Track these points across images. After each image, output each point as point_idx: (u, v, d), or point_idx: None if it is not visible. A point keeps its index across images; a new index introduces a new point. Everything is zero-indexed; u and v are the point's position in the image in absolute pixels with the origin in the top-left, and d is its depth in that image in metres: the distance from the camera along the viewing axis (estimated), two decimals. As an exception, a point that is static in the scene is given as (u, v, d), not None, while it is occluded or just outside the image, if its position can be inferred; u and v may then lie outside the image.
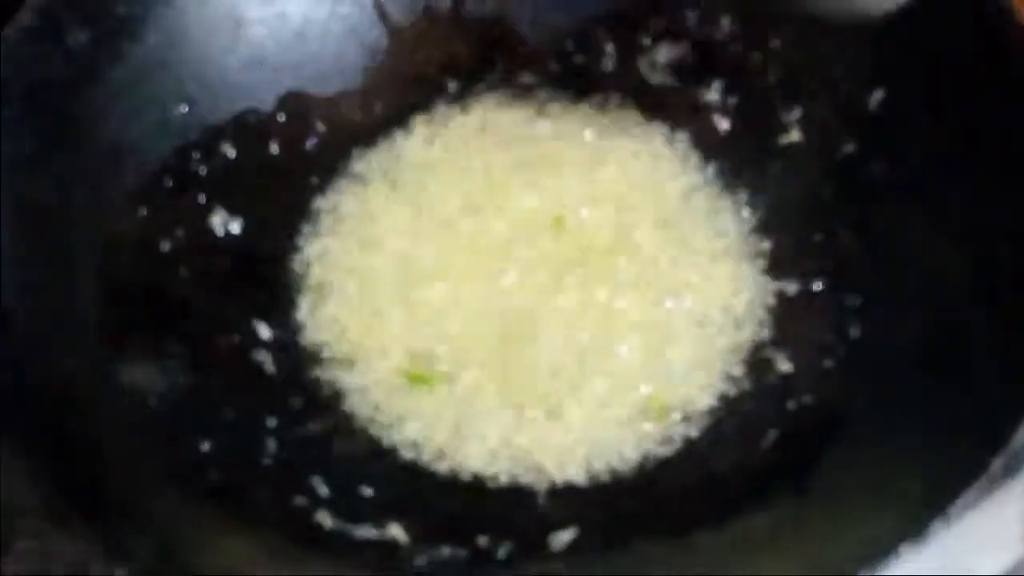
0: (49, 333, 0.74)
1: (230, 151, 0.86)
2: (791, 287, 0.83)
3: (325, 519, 0.73)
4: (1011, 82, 0.75)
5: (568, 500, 0.76)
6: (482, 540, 0.72)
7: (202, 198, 0.84)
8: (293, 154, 0.88)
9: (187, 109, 0.85)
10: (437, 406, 0.79)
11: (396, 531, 0.72)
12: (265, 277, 0.84)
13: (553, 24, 0.92)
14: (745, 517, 0.71)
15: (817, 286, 0.82)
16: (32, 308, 0.74)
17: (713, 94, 0.89)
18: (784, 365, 0.80)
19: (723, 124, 0.89)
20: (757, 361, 0.80)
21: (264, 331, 0.82)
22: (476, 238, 0.85)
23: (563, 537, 0.72)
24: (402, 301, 0.83)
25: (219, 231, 0.84)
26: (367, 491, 0.75)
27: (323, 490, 0.74)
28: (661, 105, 0.90)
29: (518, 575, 0.71)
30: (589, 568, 0.71)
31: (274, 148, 0.87)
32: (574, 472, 0.77)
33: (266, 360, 0.81)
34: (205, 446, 0.74)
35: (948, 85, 0.79)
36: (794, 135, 0.86)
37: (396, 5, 0.91)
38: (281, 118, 0.88)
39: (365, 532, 0.72)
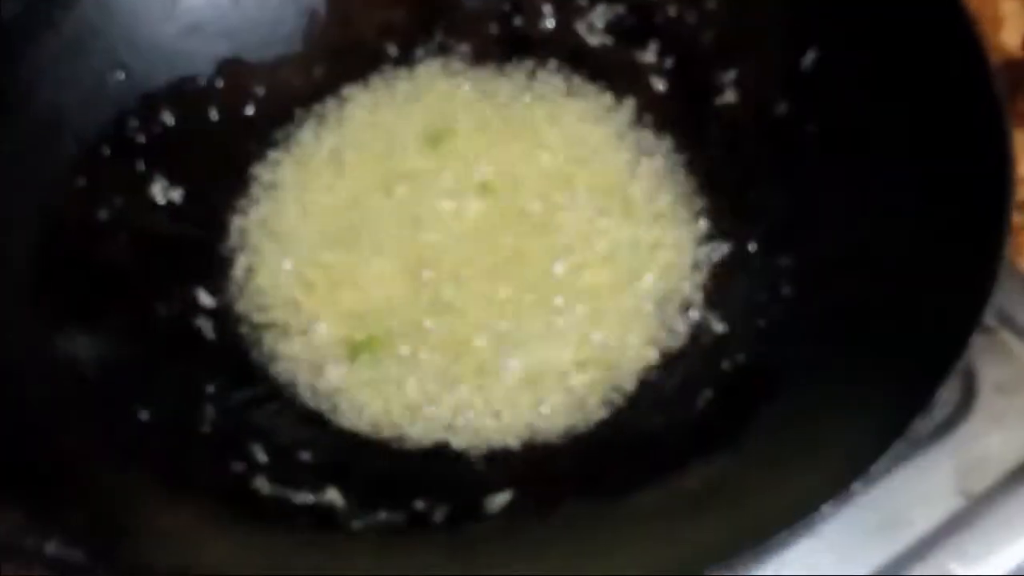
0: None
1: (168, 119, 0.86)
2: (726, 248, 0.83)
3: (263, 485, 0.73)
4: (941, 40, 0.76)
5: (503, 463, 0.77)
6: (419, 504, 0.73)
7: (141, 166, 0.84)
8: (232, 121, 0.88)
9: (123, 77, 0.84)
10: (373, 372, 0.80)
11: (333, 496, 0.73)
12: (204, 244, 0.85)
13: (491, -14, 0.92)
14: (679, 476, 0.71)
15: (751, 247, 0.82)
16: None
17: (650, 56, 0.90)
18: (719, 326, 0.80)
19: (660, 85, 0.89)
20: (692, 322, 0.81)
21: (204, 298, 0.82)
22: (412, 205, 0.86)
23: (499, 500, 0.73)
24: (337, 268, 0.84)
25: (158, 199, 0.84)
26: (305, 456, 0.76)
27: (261, 457, 0.75)
28: (599, 67, 0.91)
29: (455, 537, 0.72)
30: (526, 530, 0.72)
31: (213, 115, 0.87)
32: (508, 435, 0.78)
33: (205, 327, 0.81)
34: (143, 415, 0.74)
35: (880, 44, 0.79)
36: (729, 96, 0.87)
37: (334, -32, 0.91)
38: (219, 85, 0.88)
39: (302, 498, 0.73)
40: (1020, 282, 0.83)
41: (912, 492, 0.79)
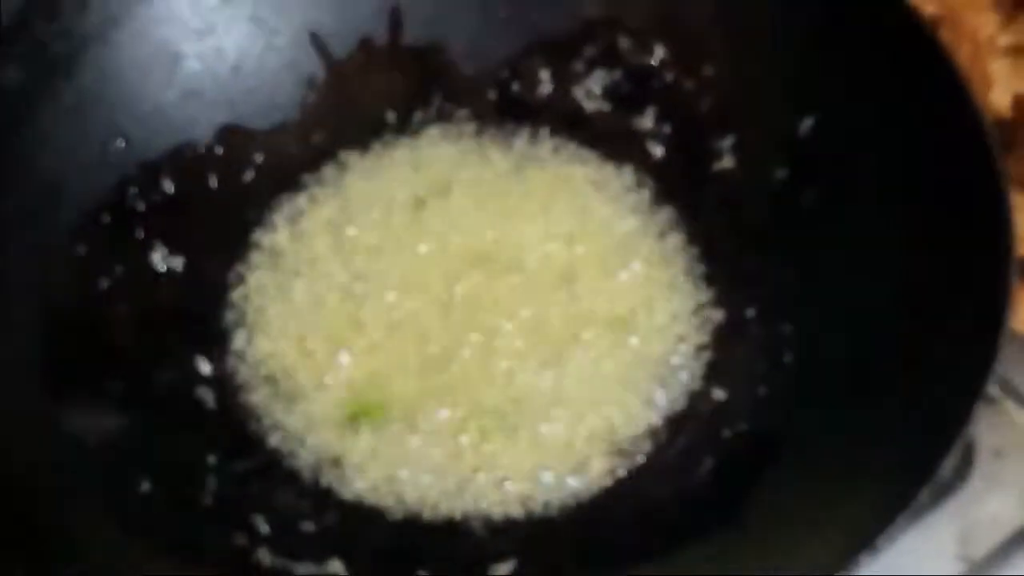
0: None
1: (168, 186, 0.86)
2: (724, 315, 0.83)
3: (265, 557, 0.73)
4: (937, 105, 0.76)
5: (506, 533, 0.76)
6: (422, 573, 0.73)
7: (140, 234, 0.84)
8: (231, 188, 0.88)
9: (124, 144, 0.85)
10: (374, 441, 0.80)
11: (336, 567, 0.73)
12: (204, 312, 0.85)
13: (489, 53, 0.92)
14: (682, 548, 0.71)
15: (750, 313, 0.83)
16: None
17: (647, 121, 0.90)
18: (719, 393, 0.80)
19: (657, 151, 0.90)
20: (692, 389, 0.81)
21: (204, 367, 0.82)
22: (412, 273, 0.86)
23: (502, 569, 0.73)
24: (337, 337, 0.84)
25: (159, 267, 0.84)
26: (307, 527, 0.76)
27: (263, 528, 0.75)
28: (597, 132, 0.91)
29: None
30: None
31: (212, 182, 0.88)
32: (511, 506, 0.77)
33: (206, 396, 0.81)
34: (145, 486, 0.74)
35: (876, 110, 0.80)
36: (727, 162, 0.87)
37: (333, 37, 0.91)
38: (219, 152, 0.88)
39: (305, 570, 0.73)
40: (1017, 347, 0.84)
41: (913, 558, 0.79)
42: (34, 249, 0.80)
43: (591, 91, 0.91)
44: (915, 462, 0.66)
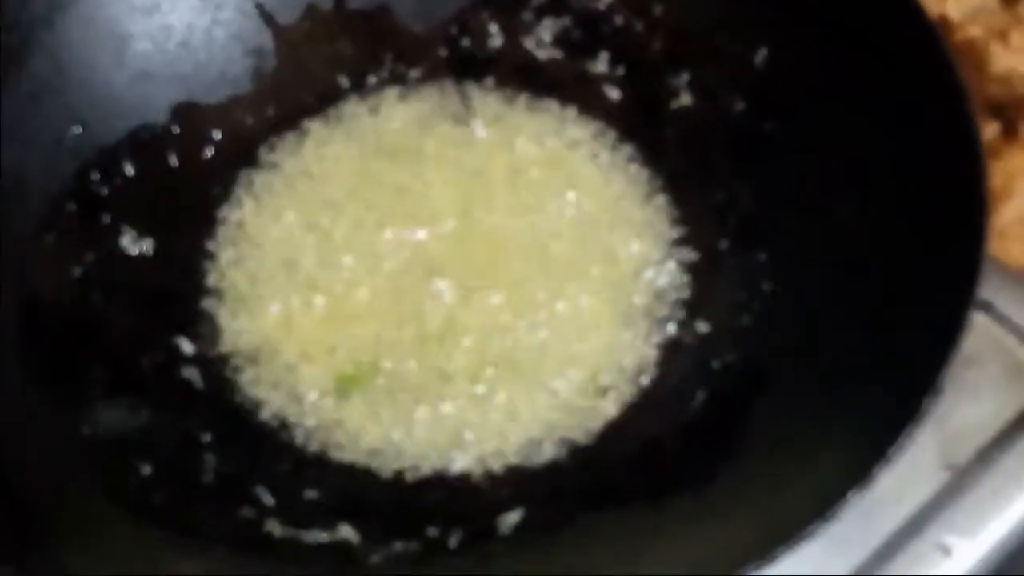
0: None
1: (129, 169, 0.85)
2: (699, 250, 0.84)
3: (275, 527, 0.73)
4: (895, 26, 0.77)
5: (510, 483, 0.77)
6: (432, 531, 0.73)
7: (107, 219, 0.83)
8: (192, 165, 0.87)
9: (81, 130, 0.84)
10: (367, 405, 0.80)
11: (347, 532, 0.73)
12: (180, 292, 0.84)
13: (436, 11, 0.92)
14: (687, 481, 0.72)
15: (724, 245, 0.83)
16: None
17: (601, 65, 0.90)
18: (703, 327, 0.81)
19: (614, 94, 0.90)
20: (677, 324, 0.82)
21: (187, 346, 0.81)
22: (385, 236, 0.86)
23: (510, 519, 0.74)
24: (318, 305, 0.83)
25: (130, 251, 0.83)
26: (311, 495, 0.76)
27: (268, 499, 0.75)
28: (551, 81, 0.91)
29: (472, 560, 0.72)
30: (542, 546, 0.72)
31: (173, 161, 0.87)
32: (511, 456, 0.78)
33: (193, 376, 0.81)
34: (145, 470, 0.74)
35: (830, 36, 0.80)
36: (685, 99, 0.88)
37: (278, 6, 0.90)
38: (176, 130, 0.87)
39: (316, 536, 0.73)
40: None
41: (896, 470, 0.80)
42: (2, 244, 0.79)
43: (542, 40, 0.91)
44: (914, 376, 0.67)
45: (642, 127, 0.89)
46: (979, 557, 0.79)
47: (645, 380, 0.80)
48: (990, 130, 0.88)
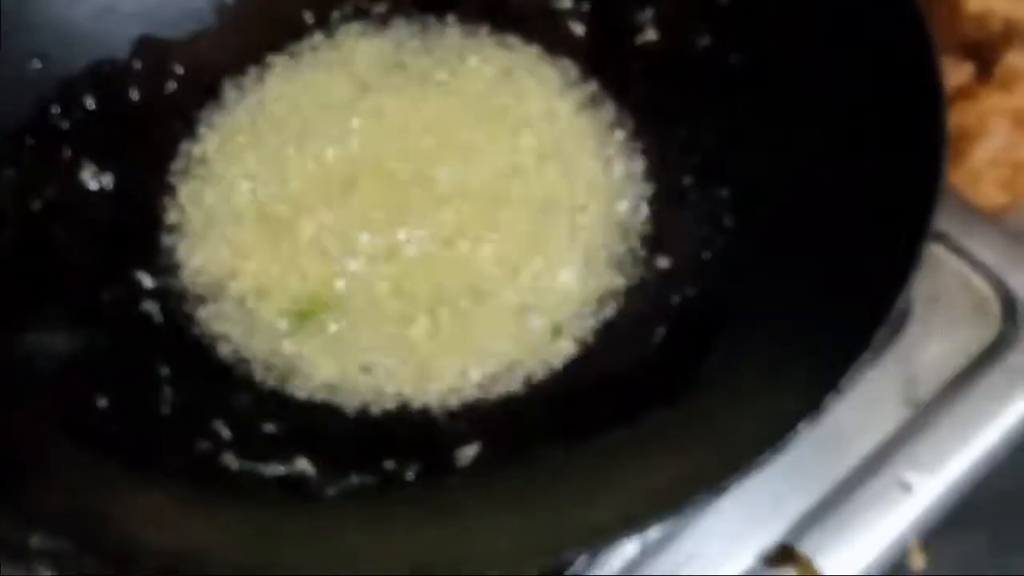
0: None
1: (90, 103, 0.84)
2: (662, 185, 0.84)
3: (231, 461, 0.73)
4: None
5: (467, 416, 0.77)
6: (389, 464, 0.73)
7: (68, 153, 0.83)
8: (154, 100, 0.87)
9: (40, 65, 0.83)
10: (323, 339, 0.80)
11: (304, 465, 0.73)
12: (140, 226, 0.84)
13: (401, -56, 0.91)
14: (645, 415, 0.72)
15: (687, 181, 0.83)
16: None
17: (566, 1, 0.90)
18: (663, 261, 0.81)
19: (578, 30, 0.89)
20: (637, 258, 0.82)
21: (147, 280, 0.81)
22: (345, 171, 0.85)
23: (468, 452, 0.74)
24: (276, 239, 0.83)
25: (90, 185, 0.83)
26: (269, 428, 0.76)
27: (225, 433, 0.75)
28: (515, 16, 0.90)
29: (429, 493, 0.72)
30: (499, 479, 0.72)
31: (134, 95, 0.86)
32: (468, 388, 0.78)
33: (152, 310, 0.80)
34: (102, 402, 0.74)
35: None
36: (650, 34, 0.87)
37: (242, -61, 0.90)
38: (137, 65, 0.87)
39: (273, 470, 0.73)
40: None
41: (859, 406, 0.81)
42: (-40, 177, 0.79)
43: (504, -27, 0.91)
44: (867, 308, 0.67)
45: (606, 63, 0.88)
46: (939, 493, 0.79)
47: (605, 315, 0.80)
48: (964, 71, 0.88)
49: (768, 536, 0.78)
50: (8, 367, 0.74)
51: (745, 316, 0.75)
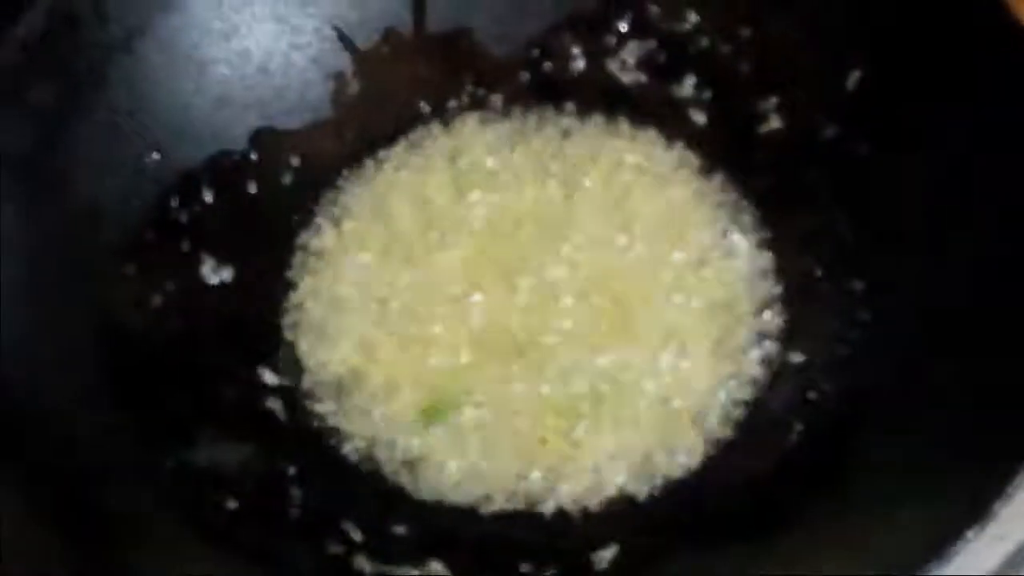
0: (57, 408, 0.73)
1: (208, 195, 0.84)
2: (792, 278, 0.82)
3: (364, 564, 0.71)
4: (989, 44, 0.75)
5: (606, 519, 0.75)
6: (525, 567, 0.71)
7: (187, 246, 0.82)
8: (271, 192, 0.86)
9: (159, 157, 0.82)
10: (453, 438, 0.78)
11: (437, 568, 0.71)
12: (261, 321, 0.83)
13: (517, 34, 0.90)
14: (785, 516, 0.70)
15: (818, 273, 0.81)
16: (36, 383, 0.72)
17: (687, 89, 0.89)
18: (797, 357, 0.79)
19: (700, 118, 0.88)
20: (771, 356, 0.80)
21: (269, 377, 0.80)
22: (466, 262, 0.84)
23: (605, 555, 0.72)
24: (402, 334, 0.82)
25: (210, 279, 0.82)
26: (399, 530, 0.74)
27: (356, 535, 0.73)
28: (636, 105, 0.89)
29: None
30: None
31: (251, 188, 0.86)
32: (606, 491, 0.76)
33: (276, 407, 0.79)
34: (231, 504, 0.73)
35: (924, 55, 0.79)
36: (774, 123, 0.86)
37: (357, 30, 0.89)
38: (254, 157, 0.86)
39: (406, 572, 0.71)
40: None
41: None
42: (82, 271, 0.78)
43: (626, 63, 0.89)
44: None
45: (730, 152, 0.87)
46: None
47: (742, 414, 0.78)
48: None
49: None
50: (137, 465, 0.73)
51: (890, 413, 0.72)
